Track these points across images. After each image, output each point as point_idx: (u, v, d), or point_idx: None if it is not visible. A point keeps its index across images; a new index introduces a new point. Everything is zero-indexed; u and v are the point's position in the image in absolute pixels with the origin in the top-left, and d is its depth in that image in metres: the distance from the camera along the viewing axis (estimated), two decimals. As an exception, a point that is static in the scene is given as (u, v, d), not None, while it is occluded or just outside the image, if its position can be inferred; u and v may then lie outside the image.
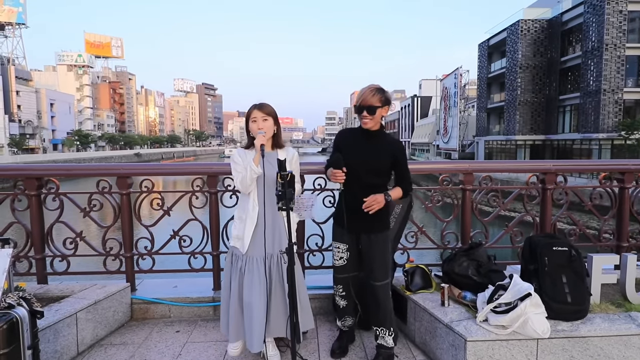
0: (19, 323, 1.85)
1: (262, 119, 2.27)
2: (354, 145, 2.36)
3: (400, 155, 2.36)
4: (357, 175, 2.30)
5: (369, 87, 2.30)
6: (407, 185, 2.37)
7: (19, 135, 62.34)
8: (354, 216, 2.32)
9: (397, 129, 74.09)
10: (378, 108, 2.27)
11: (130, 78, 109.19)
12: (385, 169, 2.34)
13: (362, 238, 2.38)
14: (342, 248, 2.45)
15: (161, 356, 2.56)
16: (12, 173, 3.12)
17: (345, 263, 2.46)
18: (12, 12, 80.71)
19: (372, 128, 2.33)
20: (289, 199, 1.66)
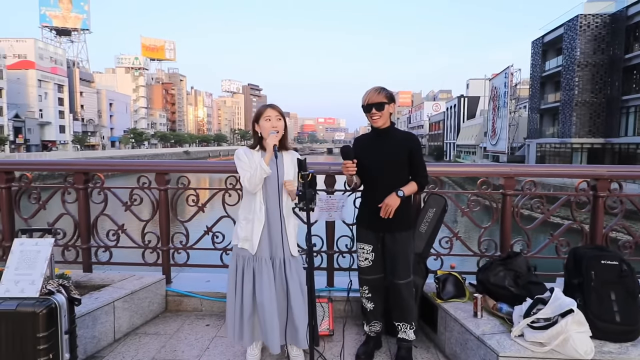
0: (57, 309, 1.96)
1: (276, 118, 2.26)
2: (369, 147, 2.43)
3: (415, 148, 2.39)
4: (377, 175, 2.38)
5: (373, 88, 2.38)
6: (422, 179, 2.38)
7: (81, 132, 67.48)
8: (377, 216, 2.35)
9: (442, 129, 71.92)
10: (385, 104, 2.34)
11: (181, 79, 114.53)
12: (403, 165, 2.37)
13: (387, 237, 2.41)
14: (367, 249, 2.46)
15: (190, 348, 2.64)
16: (63, 167, 3.35)
17: (371, 264, 2.46)
18: (78, 19, 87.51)
19: (383, 126, 2.38)
20: (309, 199, 1.63)
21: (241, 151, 2.34)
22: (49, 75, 61.27)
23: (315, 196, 1.66)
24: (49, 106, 60.42)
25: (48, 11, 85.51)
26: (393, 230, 2.38)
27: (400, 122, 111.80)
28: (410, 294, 2.44)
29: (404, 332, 2.46)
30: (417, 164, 2.39)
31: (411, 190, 2.35)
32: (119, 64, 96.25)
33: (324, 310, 2.81)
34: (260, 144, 2.33)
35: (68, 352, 2.03)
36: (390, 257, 2.40)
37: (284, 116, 2.36)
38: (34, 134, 57.83)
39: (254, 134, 2.37)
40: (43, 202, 3.32)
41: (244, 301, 2.30)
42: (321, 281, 3.24)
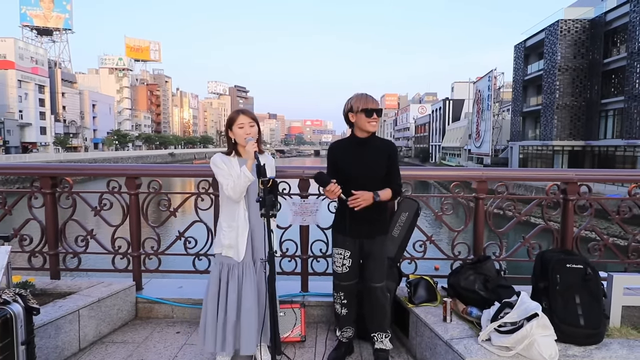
0: (12, 319, 1.89)
1: (249, 124, 2.25)
2: (351, 155, 2.39)
3: (393, 155, 2.40)
4: (359, 183, 2.30)
5: (368, 95, 2.36)
6: (396, 187, 2.38)
7: (63, 134, 66.03)
8: (357, 223, 2.34)
9: (428, 132, 72.67)
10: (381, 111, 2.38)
11: (167, 80, 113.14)
12: (381, 171, 2.36)
13: (366, 243, 2.39)
14: (344, 254, 2.42)
15: (158, 357, 2.57)
16: (29, 172, 3.25)
17: (348, 270, 2.42)
18: (60, 18, 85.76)
19: (369, 134, 2.38)
20: (269, 206, 1.61)
21: (218, 158, 2.31)
22: (30, 75, 59.81)
23: (276, 202, 1.63)
24: (29, 107, 58.95)
25: (29, 10, 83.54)
26: (373, 236, 2.38)
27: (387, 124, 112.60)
28: (386, 297, 2.44)
29: (381, 342, 2.44)
30: (393, 171, 2.39)
31: (386, 196, 2.32)
32: (103, 65, 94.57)
33: (296, 315, 2.78)
34: (235, 150, 2.31)
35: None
36: (367, 260, 2.40)
37: (257, 121, 2.34)
38: (14, 136, 56.32)
39: (228, 140, 2.35)
40: (9, 207, 3.21)
41: (228, 309, 2.26)
42: (295, 286, 3.21)
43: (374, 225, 2.37)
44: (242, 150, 2.29)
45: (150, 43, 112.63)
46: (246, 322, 2.20)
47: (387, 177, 2.36)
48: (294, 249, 3.18)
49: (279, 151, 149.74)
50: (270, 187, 1.60)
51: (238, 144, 2.29)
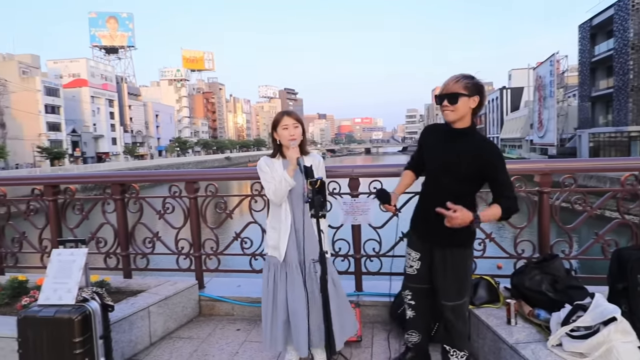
0: (91, 315, 2.07)
1: (293, 126, 2.24)
2: (435, 143, 2.09)
3: (492, 162, 1.91)
4: (436, 179, 2.06)
5: (455, 75, 1.96)
6: (508, 202, 1.89)
7: (131, 143, 71.55)
8: (428, 225, 2.06)
9: (484, 123, 69.18)
10: (462, 96, 1.88)
11: (221, 88, 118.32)
12: (467, 176, 1.95)
13: (436, 251, 2.08)
14: (413, 256, 2.20)
15: (220, 353, 2.70)
16: (102, 180, 3.55)
17: (416, 273, 2.20)
18: (124, 37, 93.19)
19: (458, 124, 1.97)
20: (317, 206, 1.61)
21: (262, 162, 2.34)
22: (101, 91, 65.51)
23: (325, 202, 1.63)
24: (101, 120, 64.61)
25: (97, 32, 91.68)
26: (443, 246, 2.04)
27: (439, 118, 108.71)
28: (459, 318, 2.10)
29: (456, 359, 2.14)
30: (499, 183, 1.92)
31: (491, 216, 1.88)
32: (163, 77, 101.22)
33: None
34: (280, 151, 2.35)
35: (103, 356, 2.13)
36: (438, 274, 2.08)
37: (301, 122, 2.35)
38: (90, 147, 62.05)
39: (273, 142, 2.37)
40: (86, 212, 3.54)
41: (278, 308, 2.30)
42: (349, 285, 3.20)
43: (444, 233, 1.91)
44: (286, 152, 2.32)
45: (205, 53, 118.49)
46: (294, 323, 2.21)
47: (494, 189, 1.95)
48: (347, 249, 3.17)
49: (329, 150, 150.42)
50: (319, 187, 1.60)
51: (283, 146, 2.32)
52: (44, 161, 48.91)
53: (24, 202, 3.65)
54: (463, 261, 2.08)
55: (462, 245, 2.06)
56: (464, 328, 2.15)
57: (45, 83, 54.33)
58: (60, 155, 50.77)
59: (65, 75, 62.50)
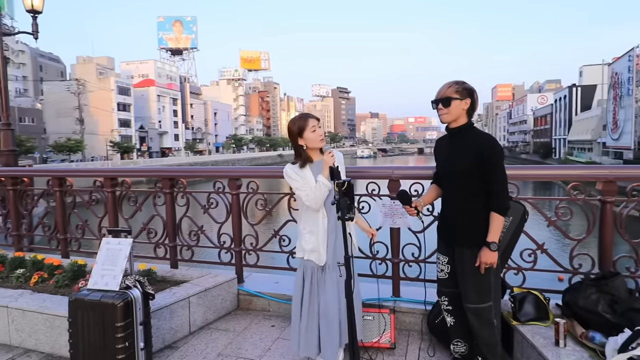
0: (133, 302, 2.20)
1: (318, 126, 2.28)
2: (442, 150, 2.29)
3: (487, 155, 1.99)
4: (448, 182, 2.24)
5: (448, 81, 2.17)
6: (496, 201, 2.00)
7: (191, 140, 75.73)
8: (445, 226, 2.26)
9: (549, 124, 64.37)
10: (454, 100, 2.07)
11: (275, 87, 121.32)
12: (470, 171, 2.04)
13: (456, 252, 2.18)
14: (442, 260, 2.29)
15: (254, 347, 2.74)
16: (154, 174, 3.77)
17: (447, 277, 2.27)
18: (188, 39, 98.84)
19: (453, 124, 2.14)
20: (344, 208, 1.57)
21: (289, 170, 2.30)
22: (166, 90, 69.99)
23: (352, 205, 1.58)
24: (165, 118, 69.06)
25: (165, 35, 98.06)
26: (461, 245, 2.13)
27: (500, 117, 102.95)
28: (484, 325, 2.09)
29: None
30: (490, 179, 2.00)
31: (497, 227, 2.00)
32: (222, 77, 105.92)
33: (385, 321, 2.70)
34: (306, 157, 2.27)
35: (142, 341, 2.26)
36: (458, 275, 2.17)
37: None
38: (155, 142, 66.60)
39: (298, 148, 2.29)
40: (139, 204, 3.77)
41: (310, 313, 2.28)
42: (386, 290, 3.11)
43: (459, 232, 2.13)
44: (313, 154, 2.28)
45: (261, 53, 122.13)
46: (325, 327, 2.18)
47: (487, 185, 2.01)
48: (385, 252, 3.09)
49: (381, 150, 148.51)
50: (345, 190, 1.56)
51: (309, 149, 2.28)
52: (115, 155, 53.27)
53: (87, 192, 3.97)
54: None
55: (479, 245, 2.06)
56: (490, 337, 2.11)
57: (118, 83, 59.14)
58: (130, 149, 55.04)
59: (135, 76, 67.58)
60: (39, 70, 68.55)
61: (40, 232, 4.27)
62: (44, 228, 4.23)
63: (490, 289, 2.10)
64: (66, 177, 4.10)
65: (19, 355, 2.69)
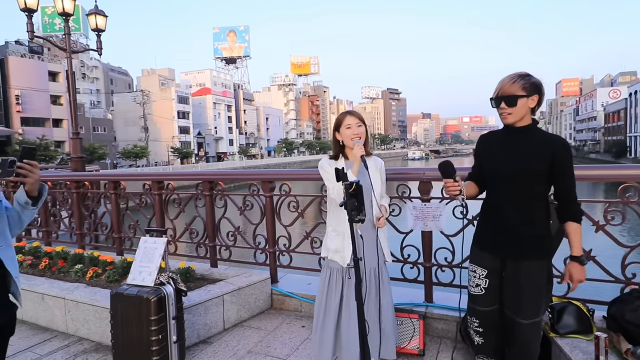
0: (165, 297, 2.35)
1: (356, 125, 2.21)
2: (496, 148, 1.95)
3: (562, 157, 1.78)
4: (504, 185, 1.90)
5: (510, 75, 1.87)
6: (571, 208, 1.82)
7: (245, 144, 78.66)
8: (499, 235, 1.91)
9: (623, 120, 58.61)
10: (520, 97, 1.80)
11: (325, 90, 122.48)
12: (539, 174, 1.81)
13: (509, 264, 1.90)
14: (479, 273, 1.99)
15: (282, 346, 2.80)
16: (196, 177, 3.98)
17: (484, 292, 1.98)
18: (241, 48, 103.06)
19: (518, 123, 1.86)
20: (350, 210, 1.56)
21: (325, 162, 2.35)
22: (221, 98, 73.42)
23: (360, 207, 1.56)
24: (221, 124, 72.39)
25: (220, 45, 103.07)
26: (519, 257, 1.87)
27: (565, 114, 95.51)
28: (535, 338, 1.93)
29: None
30: (566, 183, 1.81)
31: (579, 238, 1.82)
32: (273, 82, 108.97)
33: (414, 326, 2.62)
34: (342, 152, 2.32)
35: (175, 334, 2.39)
36: (512, 289, 1.90)
37: (364, 122, 2.31)
38: (211, 148, 70.06)
39: (335, 143, 2.35)
40: (182, 206, 4.00)
41: (331, 314, 2.26)
42: (418, 295, 3.03)
43: (521, 241, 1.84)
44: (349, 152, 2.29)
45: (311, 58, 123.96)
46: (346, 332, 2.16)
47: (558, 190, 1.84)
48: (416, 256, 3.01)
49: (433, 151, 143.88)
50: (353, 191, 1.55)
51: (346, 146, 2.29)
52: (176, 160, 56.77)
53: (138, 195, 4.28)
54: (541, 273, 1.87)
55: (541, 256, 1.87)
56: (536, 351, 1.94)
57: (178, 92, 63.05)
58: (189, 154, 58.46)
59: (193, 85, 71.70)
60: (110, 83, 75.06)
61: (101, 231, 4.67)
62: (102, 228, 4.63)
63: (544, 301, 1.93)
64: (120, 180, 4.45)
65: (73, 343, 2.96)
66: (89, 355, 2.77)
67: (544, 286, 1.89)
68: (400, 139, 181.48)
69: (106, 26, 8.26)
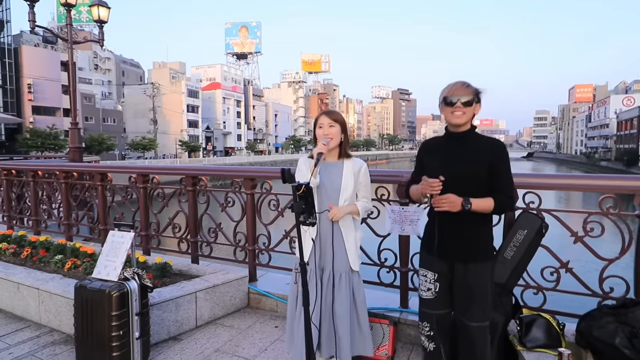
0: (128, 293, 2.31)
1: (328, 125, 2.16)
2: (440, 153, 2.02)
3: (500, 157, 1.93)
4: (445, 187, 1.90)
5: (458, 81, 1.97)
6: (502, 197, 1.90)
7: (253, 140, 78.86)
8: (446, 240, 1.97)
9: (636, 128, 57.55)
10: (472, 102, 1.92)
11: (335, 89, 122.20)
12: (480, 177, 1.90)
13: (457, 267, 1.97)
14: (430, 277, 2.05)
15: (251, 347, 2.76)
16: (179, 172, 3.95)
17: (434, 296, 2.04)
18: (252, 44, 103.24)
19: (462, 127, 1.97)
20: (297, 212, 1.51)
21: (301, 160, 2.33)
22: (231, 93, 73.64)
23: (309, 210, 1.51)
24: (229, 119, 72.63)
25: (231, 40, 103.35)
26: (466, 260, 1.95)
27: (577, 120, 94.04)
28: (485, 341, 1.96)
29: None
30: (500, 178, 1.92)
31: (483, 206, 1.87)
32: (283, 79, 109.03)
33: (384, 332, 2.57)
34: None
35: (138, 331, 2.36)
36: (461, 291, 1.98)
37: (341, 122, 2.25)
38: (219, 142, 70.35)
39: (315, 142, 2.30)
40: (166, 200, 3.98)
41: (297, 310, 2.27)
42: (394, 299, 2.96)
43: (467, 244, 1.94)
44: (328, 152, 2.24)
45: (322, 56, 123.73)
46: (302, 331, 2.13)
47: (493, 185, 1.91)
48: (393, 260, 2.95)
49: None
50: (302, 193, 1.50)
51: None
52: (183, 153, 57.11)
53: (124, 188, 4.27)
54: (487, 275, 1.97)
55: (486, 258, 1.98)
56: (488, 353, 1.97)
57: (188, 86, 63.36)
58: (196, 148, 58.77)
59: (203, 79, 71.98)
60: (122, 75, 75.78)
61: (88, 223, 4.67)
62: (89, 219, 4.63)
63: (490, 305, 1.99)
64: (107, 172, 4.44)
65: (44, 334, 2.96)
66: (57, 347, 2.76)
67: (490, 287, 1.97)
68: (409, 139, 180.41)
69: (109, 17, 8.28)
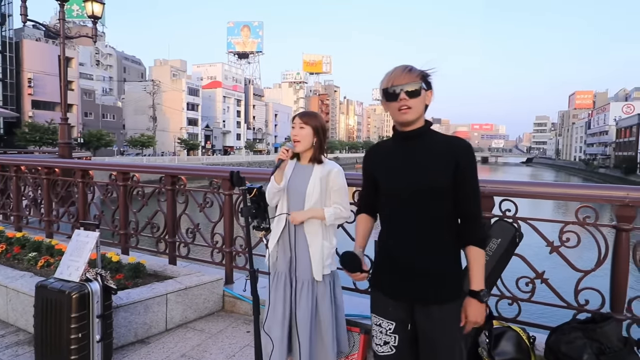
0: (89, 295, 2.25)
1: (299, 126, 2.10)
2: (389, 160, 1.55)
3: (467, 161, 1.47)
4: (403, 207, 1.50)
5: (399, 65, 1.51)
6: (475, 229, 1.49)
7: (252, 139, 78.83)
8: (401, 274, 1.50)
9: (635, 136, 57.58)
10: (420, 90, 1.46)
11: (335, 90, 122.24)
12: (442, 190, 1.46)
13: (417, 311, 1.50)
14: (385, 327, 1.54)
15: (219, 352, 2.69)
16: (158, 171, 3.89)
17: (393, 352, 1.54)
18: (254, 43, 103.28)
19: (414, 125, 1.50)
20: (246, 216, 1.45)
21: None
22: (231, 92, 73.62)
23: (261, 214, 1.45)
24: (229, 118, 72.61)
25: (233, 39, 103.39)
26: (426, 301, 1.48)
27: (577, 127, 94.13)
28: None
29: None
30: (468, 193, 1.48)
31: (480, 269, 1.49)
32: (284, 79, 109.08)
33: (354, 341, 2.50)
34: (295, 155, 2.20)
35: (99, 333, 2.30)
36: (425, 343, 1.51)
37: (314, 125, 2.17)
38: (218, 141, 70.30)
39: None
40: (145, 199, 3.92)
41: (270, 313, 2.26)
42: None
43: (430, 282, 1.47)
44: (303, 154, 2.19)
45: (323, 57, 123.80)
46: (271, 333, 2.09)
47: (459, 202, 1.48)
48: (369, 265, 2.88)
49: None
50: (254, 197, 1.44)
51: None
52: (182, 151, 57.02)
53: (104, 186, 4.20)
54: (457, 317, 1.50)
55: (455, 297, 1.49)
56: None
57: (189, 84, 63.33)
58: (195, 146, 58.67)
59: (204, 78, 72.03)
60: (123, 71, 75.68)
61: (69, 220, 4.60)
62: (69, 216, 4.56)
63: (463, 353, 1.56)
64: (88, 169, 4.38)
65: (10, 334, 2.89)
66: (20, 348, 2.69)
67: (459, 332, 1.52)
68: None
69: (103, 13, 8.22)
